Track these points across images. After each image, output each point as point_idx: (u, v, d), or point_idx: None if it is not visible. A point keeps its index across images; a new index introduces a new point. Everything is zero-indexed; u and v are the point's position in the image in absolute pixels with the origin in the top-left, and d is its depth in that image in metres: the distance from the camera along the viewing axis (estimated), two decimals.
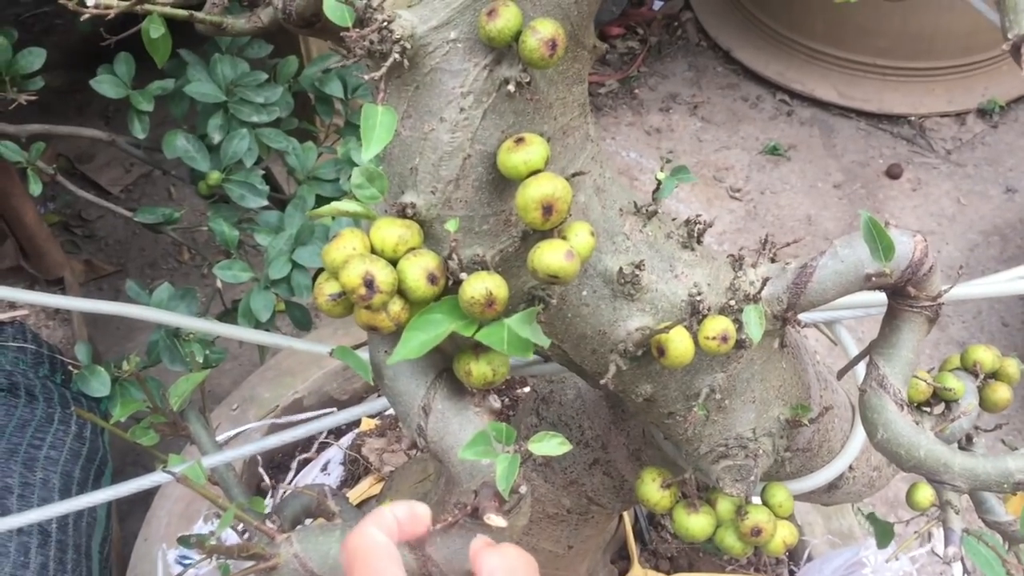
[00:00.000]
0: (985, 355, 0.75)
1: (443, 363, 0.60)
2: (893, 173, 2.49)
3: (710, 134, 2.62)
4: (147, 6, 0.66)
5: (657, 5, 2.97)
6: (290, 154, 1.31)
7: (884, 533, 0.82)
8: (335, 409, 1.48)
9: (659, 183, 0.65)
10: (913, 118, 2.61)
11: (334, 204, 0.52)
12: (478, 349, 0.56)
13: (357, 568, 0.47)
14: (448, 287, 0.54)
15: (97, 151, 2.50)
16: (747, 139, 2.60)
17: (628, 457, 0.83)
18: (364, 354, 0.68)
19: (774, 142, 2.57)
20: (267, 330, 1.21)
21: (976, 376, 0.73)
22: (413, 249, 0.53)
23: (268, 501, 1.44)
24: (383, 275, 0.51)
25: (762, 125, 2.64)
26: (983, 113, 2.61)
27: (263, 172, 1.32)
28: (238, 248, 1.25)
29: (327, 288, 0.53)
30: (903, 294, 0.61)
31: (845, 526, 1.42)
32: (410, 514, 0.52)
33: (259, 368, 1.60)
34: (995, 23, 0.47)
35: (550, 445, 0.52)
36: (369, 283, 0.50)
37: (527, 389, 1.56)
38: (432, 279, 0.52)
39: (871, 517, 0.85)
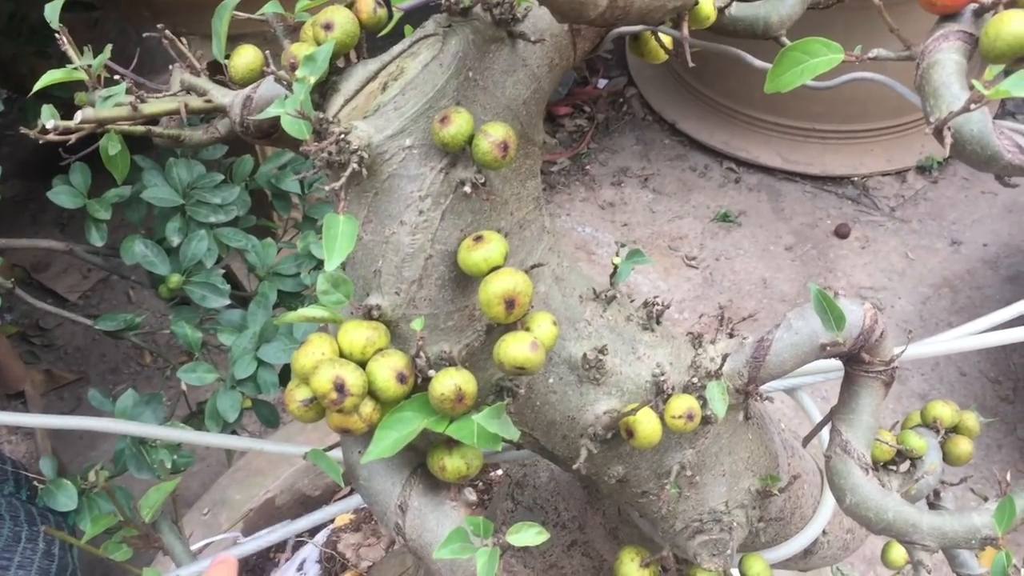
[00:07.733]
0: (944, 410, 0.77)
1: (417, 460, 0.60)
2: (841, 232, 2.55)
3: (662, 205, 2.68)
4: (106, 126, 0.68)
5: (602, 83, 3.05)
6: (250, 252, 1.32)
7: None
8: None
9: (615, 268, 0.66)
10: (856, 178, 2.69)
11: (301, 311, 0.53)
12: (451, 444, 0.57)
13: None
14: (418, 384, 0.55)
15: (53, 259, 2.49)
16: (698, 208, 2.66)
17: (606, 536, 0.83)
18: (337, 453, 0.68)
19: (725, 209, 2.63)
20: (234, 431, 1.20)
21: (937, 432, 0.76)
22: (381, 350, 0.54)
23: None
24: (353, 378, 0.52)
25: (712, 193, 2.70)
26: (922, 170, 2.70)
27: (223, 271, 1.32)
28: (201, 349, 1.25)
29: (298, 394, 0.53)
30: (858, 360, 0.63)
31: None
32: None
33: (228, 470, 1.57)
34: (918, 106, 0.49)
35: (528, 535, 0.53)
36: (340, 387, 0.51)
37: (500, 472, 1.55)
38: (401, 378, 0.53)
39: None
